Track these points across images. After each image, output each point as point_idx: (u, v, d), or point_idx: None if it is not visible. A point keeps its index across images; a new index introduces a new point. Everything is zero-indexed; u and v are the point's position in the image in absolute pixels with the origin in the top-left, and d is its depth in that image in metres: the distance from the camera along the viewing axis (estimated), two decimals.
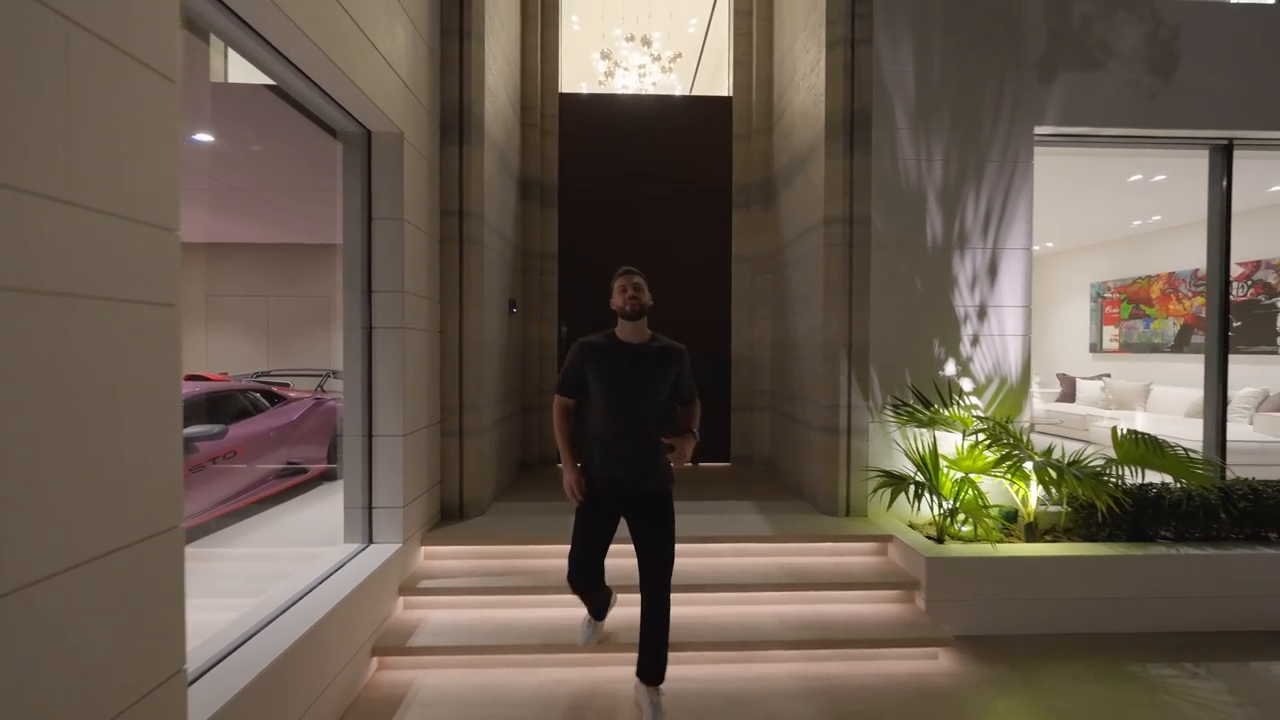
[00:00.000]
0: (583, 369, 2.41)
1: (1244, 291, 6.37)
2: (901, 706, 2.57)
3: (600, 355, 2.40)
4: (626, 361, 2.38)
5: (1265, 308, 6.15)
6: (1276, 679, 2.81)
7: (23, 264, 1.18)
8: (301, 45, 2.27)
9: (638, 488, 2.39)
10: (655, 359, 2.41)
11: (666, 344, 2.47)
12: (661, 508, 2.41)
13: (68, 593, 1.27)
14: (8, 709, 1.15)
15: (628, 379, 2.37)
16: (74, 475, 1.29)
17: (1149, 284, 7.46)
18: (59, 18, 1.25)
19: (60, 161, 1.25)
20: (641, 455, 2.38)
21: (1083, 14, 3.94)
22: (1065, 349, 8.74)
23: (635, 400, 2.38)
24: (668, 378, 2.41)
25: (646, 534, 2.39)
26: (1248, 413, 5.76)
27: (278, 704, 2.04)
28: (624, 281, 2.43)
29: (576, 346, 2.46)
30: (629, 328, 2.41)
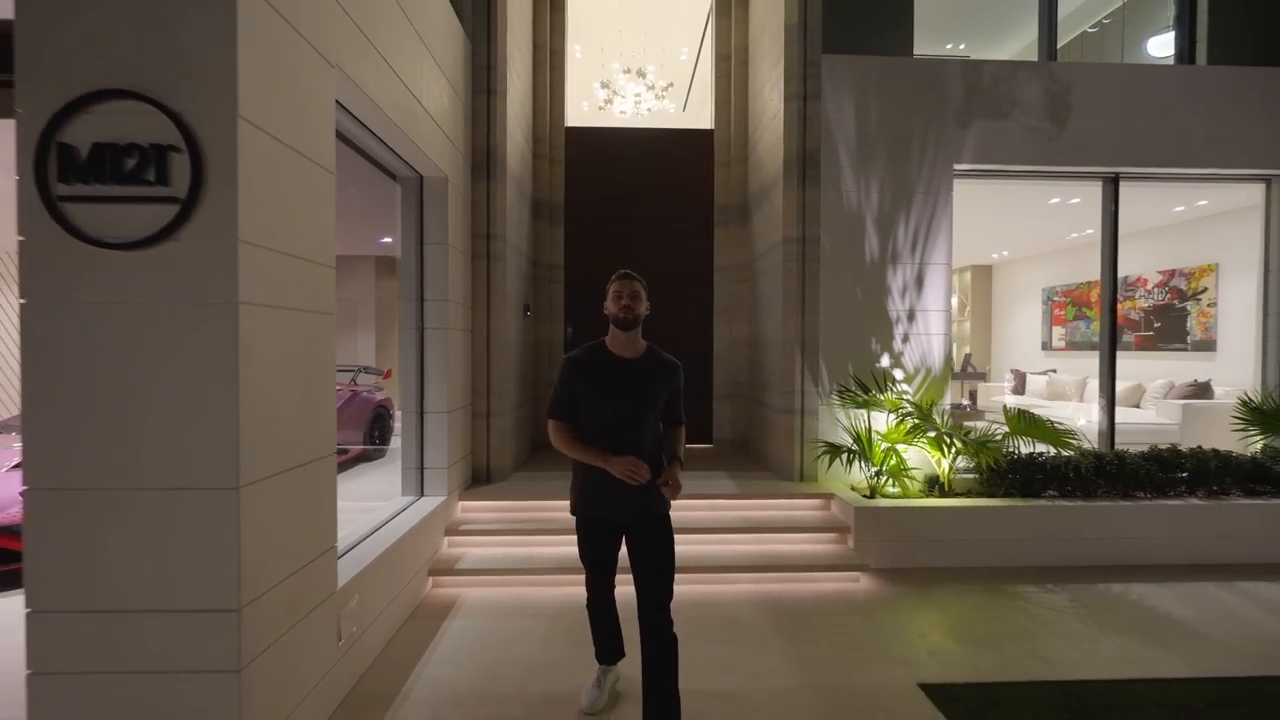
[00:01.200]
0: (575, 387, 2.22)
1: (1163, 296, 7.26)
2: (827, 611, 3.46)
3: (591, 371, 2.20)
4: (620, 378, 2.19)
5: (1178, 311, 7.05)
6: (1110, 594, 3.70)
7: (273, 291, 2.07)
8: (388, 126, 3.16)
9: (637, 513, 2.21)
10: (651, 374, 2.22)
11: (662, 358, 2.29)
12: (661, 531, 2.24)
13: (283, 485, 2.16)
14: (259, 548, 2.04)
15: (622, 397, 2.17)
16: (291, 414, 2.18)
17: (1089, 289, 8.36)
18: (288, 150, 2.14)
19: (286, 231, 2.14)
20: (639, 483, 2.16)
21: (992, 73, 4.85)
22: (1021, 347, 9.63)
23: (631, 420, 2.18)
24: (663, 395, 2.24)
25: (645, 558, 2.21)
26: (1157, 400, 6.65)
27: (383, 583, 2.94)
28: (620, 286, 2.21)
29: (565, 364, 2.26)
30: (621, 339, 2.21)
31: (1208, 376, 6.50)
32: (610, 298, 2.22)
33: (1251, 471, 4.51)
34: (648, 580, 2.19)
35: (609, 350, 2.23)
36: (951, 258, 4.91)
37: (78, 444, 1.83)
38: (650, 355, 2.27)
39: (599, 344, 2.27)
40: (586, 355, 2.25)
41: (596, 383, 2.19)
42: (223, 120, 1.84)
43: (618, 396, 2.17)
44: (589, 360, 2.23)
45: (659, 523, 2.25)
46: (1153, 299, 7.51)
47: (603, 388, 2.18)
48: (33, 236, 1.80)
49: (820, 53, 4.75)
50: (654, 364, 2.25)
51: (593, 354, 2.25)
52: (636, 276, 2.25)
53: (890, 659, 2.92)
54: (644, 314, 2.22)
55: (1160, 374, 6.96)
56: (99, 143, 1.79)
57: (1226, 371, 6.51)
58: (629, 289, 2.20)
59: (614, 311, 2.20)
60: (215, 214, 1.84)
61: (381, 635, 2.99)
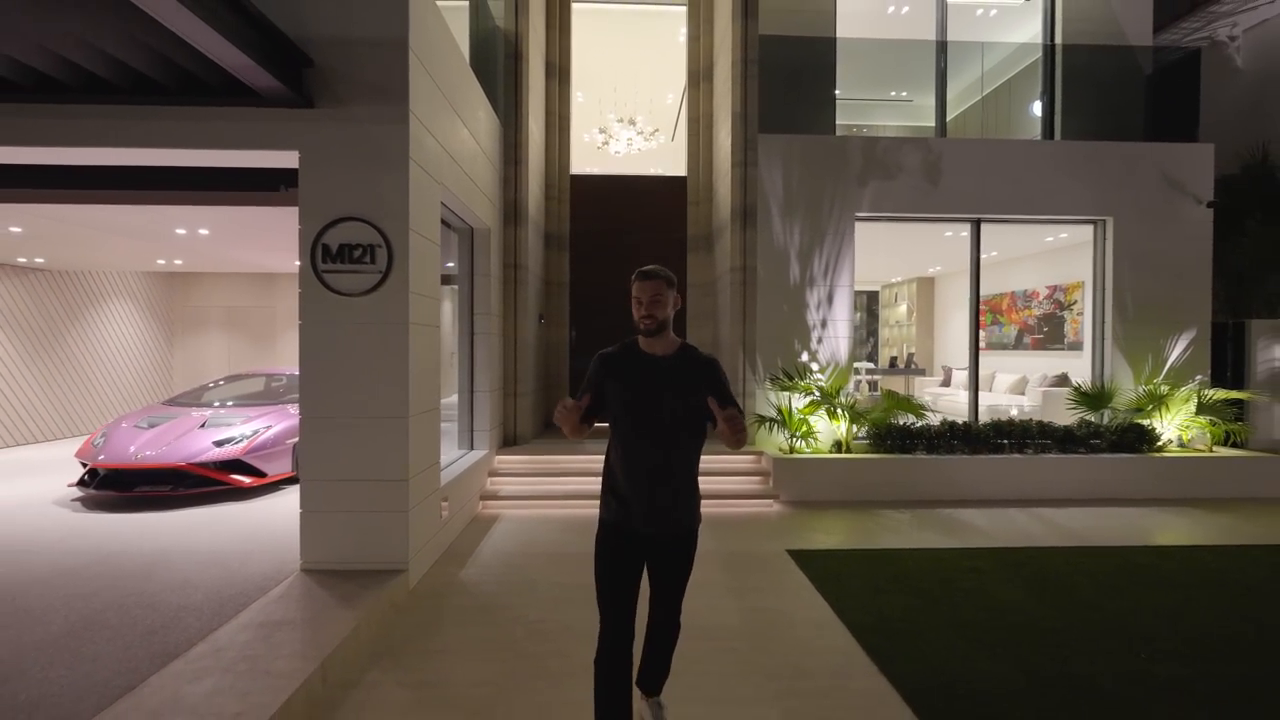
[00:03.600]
0: (603, 384, 2.08)
1: (1049, 306, 9.00)
2: (745, 521, 5.22)
3: (621, 369, 2.07)
4: (650, 376, 2.04)
5: (1058, 318, 8.80)
6: (939, 515, 5.46)
7: (419, 315, 3.84)
8: (460, 205, 4.93)
9: (666, 528, 2.06)
10: (683, 372, 2.05)
11: (697, 355, 2.10)
12: (688, 548, 2.13)
13: (419, 423, 3.92)
14: (414, 450, 3.80)
15: (653, 397, 2.03)
16: (425, 382, 3.95)
17: (1000, 299, 10.11)
18: (423, 239, 3.90)
19: (421, 282, 3.91)
20: (671, 488, 2.04)
21: (884, 147, 6.61)
22: (953, 348, 11.35)
23: (662, 422, 2.02)
24: (698, 394, 2.01)
25: (666, 574, 2.12)
26: (1032, 389, 8.40)
27: (457, 494, 4.70)
28: (638, 290, 2.03)
29: (595, 360, 2.13)
30: (649, 339, 2.06)
31: (1078, 371, 8.24)
32: (632, 303, 2.04)
33: (1064, 436, 6.28)
34: (665, 593, 2.13)
35: (640, 349, 2.08)
36: (853, 281, 6.67)
37: (330, 396, 3.60)
38: (684, 352, 2.09)
39: (632, 341, 2.11)
40: (617, 352, 2.11)
41: (625, 378, 2.04)
42: (401, 231, 3.61)
43: (648, 394, 2.03)
44: (619, 357, 2.09)
45: (687, 539, 2.12)
46: (1042, 308, 9.26)
47: (631, 385, 2.03)
48: (307, 290, 3.58)
49: (757, 132, 6.52)
50: (687, 360, 2.08)
51: (624, 350, 2.11)
52: (659, 273, 2.04)
53: (774, 542, 4.69)
54: (671, 315, 2.04)
55: (1046, 368, 8.69)
56: (342, 243, 3.57)
57: (1088, 366, 8.27)
58: (649, 291, 2.00)
59: (635, 319, 2.04)
60: (398, 278, 3.61)
61: (457, 527, 4.77)
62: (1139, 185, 6.73)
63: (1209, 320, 6.82)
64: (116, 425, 5.68)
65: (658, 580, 2.13)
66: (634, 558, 2.08)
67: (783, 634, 3.19)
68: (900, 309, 13.12)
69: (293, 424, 5.91)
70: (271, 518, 4.90)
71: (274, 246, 7.27)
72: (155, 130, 3.54)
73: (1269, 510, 5.62)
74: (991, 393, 9.54)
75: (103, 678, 2.52)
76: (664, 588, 2.14)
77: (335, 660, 2.71)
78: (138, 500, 5.21)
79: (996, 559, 4.30)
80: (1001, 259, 9.92)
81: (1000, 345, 10.26)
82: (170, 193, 4.21)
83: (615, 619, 2.04)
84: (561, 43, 7.94)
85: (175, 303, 10.97)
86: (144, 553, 4.06)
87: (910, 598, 3.62)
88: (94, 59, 3.14)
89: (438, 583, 3.84)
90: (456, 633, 3.19)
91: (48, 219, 5.53)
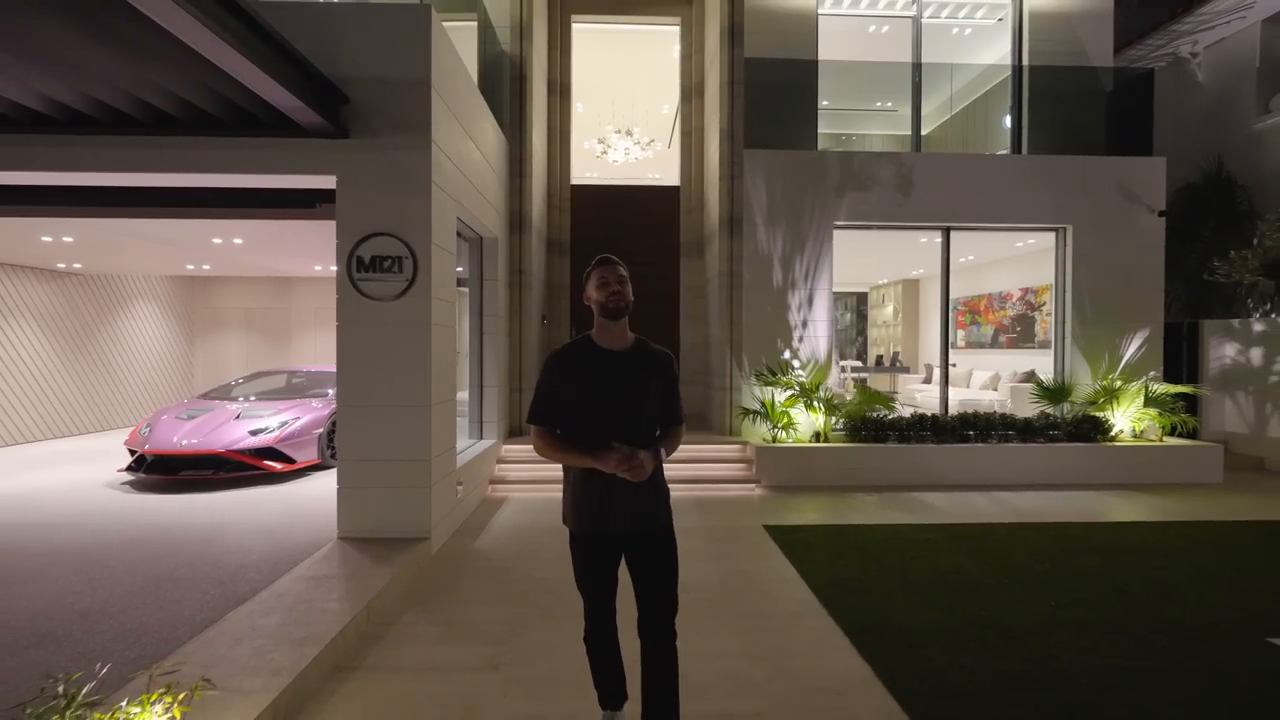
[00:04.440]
0: (559, 388, 2.00)
1: (1022, 307, 9.55)
2: (729, 502, 5.78)
3: (576, 367, 2.00)
4: (612, 373, 1.99)
5: (1030, 318, 9.35)
6: (906, 497, 6.01)
7: (439, 318, 4.39)
8: (472, 219, 5.49)
9: (637, 524, 2.01)
10: (644, 367, 2.04)
11: (652, 349, 2.11)
12: (664, 544, 2.06)
13: (439, 411, 4.48)
14: (435, 434, 4.36)
15: (615, 394, 1.97)
16: (437, 375, 4.51)
17: (978, 301, 10.66)
18: (443, 251, 4.46)
19: (440, 287, 4.47)
20: (638, 486, 1.96)
21: (859, 161, 7.16)
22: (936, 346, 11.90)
23: (626, 419, 1.97)
24: (658, 389, 2.04)
25: (649, 573, 2.04)
26: (1006, 385, 8.95)
27: (470, 476, 5.26)
28: (604, 272, 2.00)
29: (550, 359, 2.04)
30: (610, 330, 2.01)
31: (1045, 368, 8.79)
32: (594, 285, 2.01)
33: (1025, 427, 6.84)
34: (652, 596, 2.03)
35: (595, 343, 2.03)
36: (832, 285, 7.23)
37: (363, 387, 4.16)
38: (640, 346, 2.07)
39: (584, 337, 2.07)
40: (570, 349, 2.05)
41: (583, 379, 1.98)
42: (424, 244, 4.17)
43: (607, 393, 1.97)
44: (574, 354, 2.03)
45: (662, 536, 2.06)
46: (1015, 309, 9.81)
47: (590, 384, 1.97)
48: (344, 295, 4.14)
49: (743, 148, 7.08)
50: (644, 355, 2.06)
51: (577, 348, 2.05)
52: (618, 261, 2.04)
53: (754, 519, 5.25)
54: (631, 300, 2.03)
55: (1018, 365, 9.24)
56: (374, 255, 4.13)
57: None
58: (615, 273, 1.99)
59: (601, 299, 1.99)
60: (421, 285, 4.18)
61: (470, 506, 5.33)
62: (1096, 195, 7.29)
63: (1161, 321, 7.36)
64: (159, 417, 6.25)
65: (644, 584, 2.04)
66: (611, 559, 2.07)
67: (752, 589, 3.75)
68: (887, 309, 13.67)
69: (318, 416, 6.48)
70: (304, 497, 5.47)
71: (296, 253, 7.84)
72: (214, 158, 4.11)
73: (1202, 492, 6.18)
74: (969, 388, 10.09)
75: (188, 614, 3.09)
76: (651, 591, 2.03)
77: (375, 604, 3.28)
78: (182, 483, 5.78)
79: (947, 533, 4.86)
80: (979, 263, 10.48)
81: (978, 344, 10.81)
82: (220, 209, 4.77)
83: (599, 603, 2.09)
84: (563, 62, 8.51)
85: (196, 304, 11.54)
86: (198, 525, 4.63)
87: (865, 562, 4.18)
88: (166, 99, 3.70)
89: (455, 550, 4.40)
90: (474, 587, 3.75)
91: (98, 230, 6.10)
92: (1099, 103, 7.87)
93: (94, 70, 3.30)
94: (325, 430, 6.50)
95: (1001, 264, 10.22)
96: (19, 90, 3.53)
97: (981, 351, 10.72)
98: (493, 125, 6.21)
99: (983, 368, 10.28)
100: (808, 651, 2.97)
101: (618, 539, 2.04)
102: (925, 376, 11.33)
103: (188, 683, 2.04)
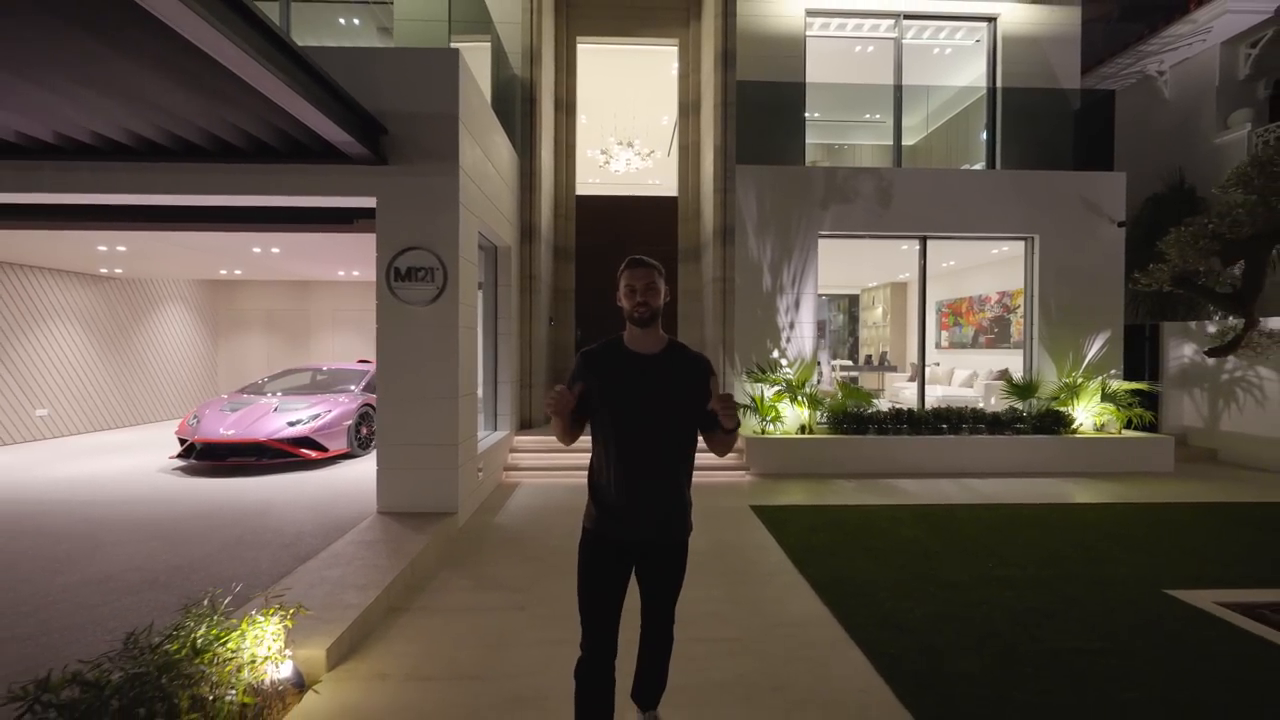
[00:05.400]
0: (588, 383, 1.97)
1: (999, 310, 10.16)
2: (721, 486, 6.40)
3: (607, 368, 1.96)
4: (639, 375, 1.94)
5: (1006, 320, 9.96)
6: (881, 483, 6.63)
7: (465, 320, 5.02)
8: (489, 231, 6.11)
9: (656, 536, 1.98)
10: (674, 371, 1.96)
11: (687, 354, 2.02)
12: (677, 558, 2.05)
13: (464, 402, 5.11)
14: (461, 422, 4.99)
15: (642, 397, 1.93)
16: (464, 373, 5.13)
17: (960, 303, 11.27)
18: (468, 263, 5.08)
19: (465, 294, 5.09)
20: (663, 494, 1.95)
21: (842, 176, 7.78)
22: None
23: (652, 424, 1.93)
24: (690, 395, 1.95)
25: (655, 584, 2.05)
26: (981, 382, 9.57)
27: (488, 461, 5.88)
28: (632, 277, 1.96)
29: (579, 358, 2.02)
30: (639, 334, 1.97)
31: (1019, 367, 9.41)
32: (623, 292, 1.97)
33: (993, 420, 7.45)
34: (655, 604, 2.07)
35: (626, 346, 2.01)
36: (817, 289, 7.84)
37: (400, 381, 4.79)
38: (673, 349, 2.02)
39: (616, 339, 2.05)
40: (601, 350, 2.02)
41: (612, 378, 1.95)
42: (453, 256, 4.80)
43: (636, 395, 1.94)
44: (603, 355, 2.01)
45: (677, 550, 2.04)
46: (993, 311, 10.42)
47: (619, 384, 1.94)
48: (383, 301, 4.77)
49: (735, 164, 7.70)
50: (677, 359, 2.00)
51: (608, 349, 2.02)
52: (650, 262, 1.99)
53: (742, 500, 5.86)
54: (661, 306, 1.97)
55: (995, 364, 9.85)
56: (410, 266, 4.75)
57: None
58: (643, 279, 1.96)
59: (628, 309, 1.96)
60: (450, 292, 4.80)
61: (488, 489, 5.96)
62: (1062, 208, 7.90)
63: (1122, 323, 7.97)
64: (204, 410, 6.88)
65: (649, 591, 2.07)
66: (622, 568, 1.99)
67: (736, 554, 4.37)
68: (877, 311, 14.28)
69: (346, 409, 7.10)
70: (341, 480, 6.09)
71: (325, 260, 8.47)
72: (271, 181, 4.73)
73: (1152, 480, 6.79)
74: (950, 386, 10.71)
75: (265, 568, 3.71)
76: (655, 598, 2.07)
77: (417, 562, 3.90)
78: (228, 469, 6.41)
79: (913, 511, 5.48)
80: (960, 268, 11.09)
81: (960, 344, 11.43)
82: (270, 224, 5.39)
83: (599, 631, 1.95)
84: (568, 81, 9.13)
85: (220, 306, 12.18)
86: (253, 502, 5.26)
87: (835, 534, 4.80)
88: (232, 133, 4.32)
89: (479, 524, 5.03)
90: (498, 551, 4.37)
91: (150, 240, 6.72)
92: (1066, 122, 8.48)
93: (176, 109, 3.92)
94: (353, 422, 7.13)
95: (981, 269, 10.84)
96: (106, 124, 4.14)
97: (963, 351, 11.35)
98: (507, 146, 6.83)
99: (963, 366, 10.89)
100: (778, 598, 3.59)
101: (634, 545, 2.00)
102: (911, 375, 11.95)
103: (289, 608, 2.66)
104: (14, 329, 8.40)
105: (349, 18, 8.61)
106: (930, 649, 2.96)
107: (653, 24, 9.15)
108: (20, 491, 5.71)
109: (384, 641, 3.03)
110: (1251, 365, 7.60)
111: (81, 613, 3.15)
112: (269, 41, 3.21)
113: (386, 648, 2.97)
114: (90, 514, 4.96)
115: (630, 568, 2.03)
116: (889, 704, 2.53)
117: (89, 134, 4.32)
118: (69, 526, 4.61)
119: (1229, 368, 7.88)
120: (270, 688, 2.45)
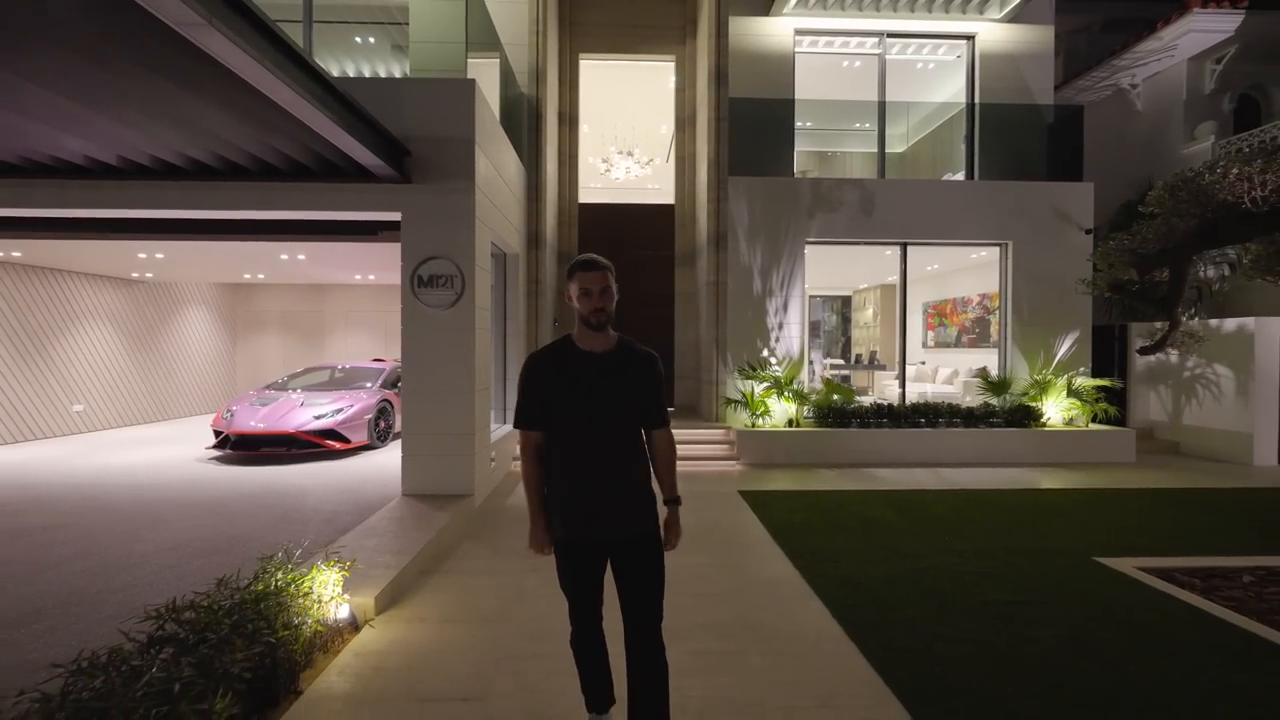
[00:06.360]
0: (537, 388, 1.99)
1: (979, 311, 10.72)
2: (713, 474, 6.94)
3: (558, 370, 1.97)
4: (592, 375, 1.96)
5: (986, 321, 10.52)
6: (862, 472, 7.17)
7: (481, 323, 5.58)
8: (499, 240, 6.67)
9: (621, 531, 2.00)
10: (625, 369, 2.00)
11: (636, 350, 2.05)
12: (650, 550, 2.03)
13: (479, 396, 5.66)
14: (477, 414, 5.54)
15: (595, 396, 1.95)
16: (479, 370, 5.69)
17: (945, 304, 11.82)
18: (483, 271, 5.63)
19: (481, 299, 5.65)
20: (621, 490, 1.98)
21: (828, 186, 8.33)
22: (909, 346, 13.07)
23: (607, 422, 1.97)
24: (639, 391, 2.01)
25: (633, 580, 2.02)
26: (961, 380, 10.11)
27: (499, 451, 6.44)
28: (586, 280, 1.94)
29: (528, 364, 2.01)
30: (591, 335, 1.99)
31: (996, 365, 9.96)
32: (576, 296, 1.96)
33: (968, 415, 8.00)
34: (636, 604, 2.02)
35: (576, 345, 2.02)
36: (804, 292, 8.39)
37: (423, 377, 5.34)
38: (623, 346, 2.04)
39: (565, 339, 2.05)
40: (550, 351, 2.04)
41: (564, 379, 1.97)
42: (470, 265, 5.35)
43: (588, 395, 1.96)
44: (553, 357, 2.02)
45: (647, 544, 2.04)
46: (975, 312, 10.97)
47: (570, 386, 1.96)
48: (407, 306, 5.33)
49: (728, 175, 8.25)
50: (627, 356, 2.03)
51: (557, 349, 2.03)
52: (603, 263, 1.99)
53: (731, 487, 6.41)
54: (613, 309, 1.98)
55: (976, 363, 10.40)
56: (431, 274, 5.31)
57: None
58: (599, 283, 1.95)
59: (583, 313, 1.97)
60: (467, 298, 5.36)
61: (498, 477, 6.51)
62: (1034, 216, 8.44)
63: (1089, 324, 8.51)
64: (235, 405, 7.44)
65: (629, 590, 2.03)
66: (596, 566, 2.06)
67: (722, 530, 4.92)
68: (868, 312, 14.82)
69: (367, 404, 7.66)
70: (365, 468, 6.65)
71: (346, 266, 9.03)
72: (304, 198, 5.29)
73: (1113, 469, 7.33)
74: (935, 383, 11.25)
75: (311, 538, 4.27)
76: (637, 598, 2.02)
77: (442, 534, 4.45)
78: (260, 458, 6.96)
79: (886, 496, 6.03)
80: (944, 271, 11.63)
81: (945, 343, 11.97)
82: (302, 235, 5.95)
83: (584, 608, 2.08)
84: (571, 96, 9.68)
85: (239, 308, 12.75)
86: (288, 487, 5.81)
87: (813, 514, 5.34)
88: (273, 155, 4.87)
89: (492, 506, 5.58)
90: (512, 528, 4.93)
91: (186, 247, 7.29)
92: (1039, 134, 9.02)
93: (229, 137, 4.47)
94: (372, 416, 7.68)
95: (964, 272, 11.38)
96: (164, 150, 4.70)
97: (948, 350, 11.88)
98: (515, 160, 7.38)
99: (947, 365, 11.43)
100: (756, 564, 4.14)
101: (602, 546, 2.04)
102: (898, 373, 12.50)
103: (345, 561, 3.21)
104: (53, 329, 8.96)
105: (365, 36, 9.17)
106: (881, 601, 3.51)
107: (651, 42, 9.71)
108: (75, 477, 6.27)
109: (419, 595, 3.59)
110: (1210, 364, 8.14)
111: (165, 571, 3.71)
112: (319, 85, 3.76)
113: (422, 599, 3.53)
114: (140, 497, 5.52)
115: (605, 559, 2.07)
116: (839, 638, 3.08)
117: (148, 157, 4.87)
118: (129, 505, 5.17)
119: (1190, 366, 8.42)
120: (333, 624, 3.01)
